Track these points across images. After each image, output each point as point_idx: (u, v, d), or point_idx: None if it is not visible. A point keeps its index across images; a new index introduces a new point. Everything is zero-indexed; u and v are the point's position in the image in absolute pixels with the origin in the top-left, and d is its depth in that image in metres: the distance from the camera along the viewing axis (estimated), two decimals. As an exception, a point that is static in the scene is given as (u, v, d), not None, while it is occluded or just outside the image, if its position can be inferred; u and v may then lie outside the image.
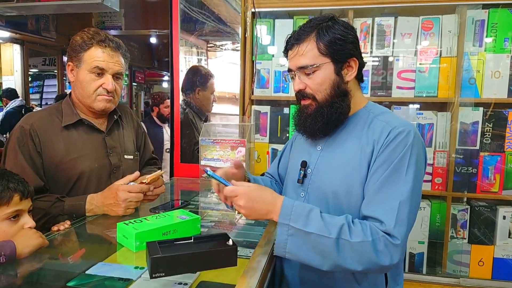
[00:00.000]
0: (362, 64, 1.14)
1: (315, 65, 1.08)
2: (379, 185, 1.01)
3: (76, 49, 1.42)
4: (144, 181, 1.38)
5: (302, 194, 1.19)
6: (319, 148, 1.18)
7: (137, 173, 1.41)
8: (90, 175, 1.43)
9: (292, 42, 1.12)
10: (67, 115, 1.45)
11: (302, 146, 1.25)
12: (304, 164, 1.18)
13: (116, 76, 1.46)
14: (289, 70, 1.16)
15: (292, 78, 1.15)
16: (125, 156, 1.56)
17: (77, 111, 1.47)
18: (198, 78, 2.36)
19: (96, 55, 1.40)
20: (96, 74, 1.41)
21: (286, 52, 1.17)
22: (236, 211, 1.05)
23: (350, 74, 1.11)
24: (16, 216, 1.07)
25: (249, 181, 1.26)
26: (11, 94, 5.32)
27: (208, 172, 1.09)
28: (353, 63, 1.11)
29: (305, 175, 1.18)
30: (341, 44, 1.07)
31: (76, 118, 1.45)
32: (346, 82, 1.11)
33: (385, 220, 0.97)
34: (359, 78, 1.16)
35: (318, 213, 0.99)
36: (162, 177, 1.53)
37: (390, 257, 0.95)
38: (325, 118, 1.10)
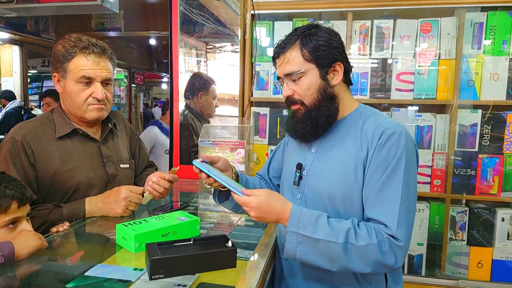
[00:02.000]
0: (348, 68, 1.17)
1: (300, 71, 1.12)
2: (379, 187, 1.04)
3: (60, 59, 1.36)
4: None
5: (298, 196, 1.20)
6: (313, 150, 1.20)
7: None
8: (87, 185, 1.41)
9: (278, 51, 1.17)
10: (60, 126, 1.41)
11: (296, 148, 1.27)
12: (299, 166, 1.20)
13: (105, 83, 1.41)
14: (278, 78, 1.20)
15: (282, 85, 1.19)
16: (121, 165, 1.52)
17: (69, 120, 1.43)
18: (201, 83, 2.37)
19: (81, 64, 1.35)
20: (84, 83, 1.36)
21: (274, 61, 1.21)
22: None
23: (336, 78, 1.14)
24: (13, 223, 1.05)
25: (237, 176, 1.28)
26: (10, 95, 5.31)
27: (203, 169, 1.13)
28: (338, 67, 1.14)
29: (300, 177, 1.20)
30: (324, 50, 1.11)
31: (70, 128, 1.40)
32: (332, 86, 1.14)
33: (388, 223, 1.00)
34: (347, 81, 1.19)
35: (325, 219, 1.02)
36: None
37: (395, 257, 0.99)
38: (313, 121, 1.14)
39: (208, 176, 1.14)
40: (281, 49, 1.15)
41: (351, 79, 1.21)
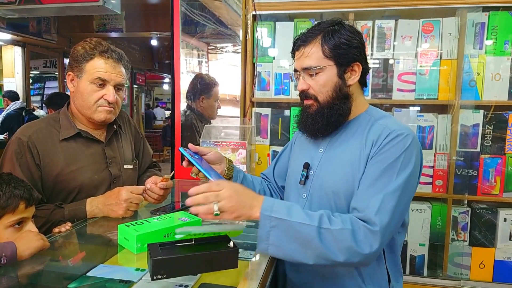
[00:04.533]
0: (366, 69, 1.16)
1: (319, 67, 1.11)
2: (370, 181, 1.04)
3: (78, 59, 1.39)
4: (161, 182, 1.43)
5: (304, 195, 1.20)
6: (321, 150, 1.20)
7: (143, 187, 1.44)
8: (90, 186, 1.42)
9: (298, 43, 1.15)
10: (65, 128, 1.42)
11: (303, 148, 1.27)
12: (306, 166, 1.20)
13: (118, 87, 1.43)
14: (295, 71, 1.18)
15: (297, 78, 1.19)
16: (125, 166, 1.53)
17: (75, 122, 1.44)
18: (202, 86, 2.36)
19: (98, 66, 1.38)
20: (98, 85, 1.38)
21: (293, 52, 1.20)
22: (217, 211, 0.97)
23: (353, 78, 1.14)
24: (19, 223, 1.06)
25: (232, 170, 1.30)
26: (13, 95, 5.34)
27: (186, 155, 1.12)
28: (356, 67, 1.13)
29: (307, 177, 1.20)
30: (345, 49, 1.10)
31: (74, 131, 1.42)
32: (348, 85, 1.14)
33: (368, 207, 0.99)
34: (362, 82, 1.19)
35: (299, 207, 1.02)
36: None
37: (369, 245, 0.96)
38: (324, 119, 1.13)
39: (190, 164, 1.15)
40: (302, 42, 1.14)
41: (366, 80, 1.20)
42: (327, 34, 1.11)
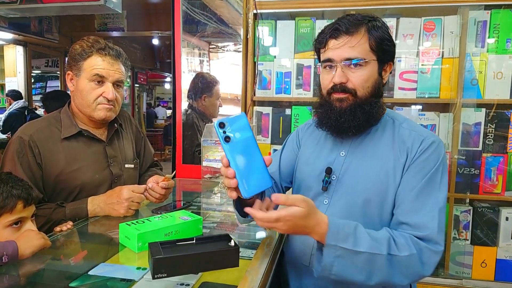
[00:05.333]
0: (391, 71, 1.13)
1: (365, 60, 1.03)
2: (416, 193, 1.01)
3: (76, 57, 1.39)
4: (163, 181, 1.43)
5: (325, 201, 1.13)
6: (342, 154, 1.13)
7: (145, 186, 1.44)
8: (91, 186, 1.42)
9: (342, 30, 1.04)
10: (67, 127, 1.42)
11: (318, 150, 1.20)
12: (329, 171, 1.13)
13: (117, 84, 1.42)
14: (327, 60, 1.07)
15: (326, 67, 1.09)
16: (126, 166, 1.53)
17: (76, 121, 1.44)
18: (204, 85, 2.37)
19: (96, 63, 1.37)
20: (96, 82, 1.38)
21: (324, 41, 1.08)
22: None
23: (385, 78, 1.11)
24: (18, 222, 1.05)
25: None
26: (15, 95, 5.36)
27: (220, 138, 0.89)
28: (389, 67, 1.10)
29: (329, 182, 1.14)
30: (388, 45, 1.06)
31: (76, 130, 1.41)
32: (383, 84, 1.10)
33: (430, 226, 0.97)
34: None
35: (362, 229, 0.94)
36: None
37: (433, 266, 0.96)
38: (365, 114, 1.06)
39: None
40: (346, 31, 1.03)
41: (386, 82, 1.15)
42: (372, 28, 1.04)
